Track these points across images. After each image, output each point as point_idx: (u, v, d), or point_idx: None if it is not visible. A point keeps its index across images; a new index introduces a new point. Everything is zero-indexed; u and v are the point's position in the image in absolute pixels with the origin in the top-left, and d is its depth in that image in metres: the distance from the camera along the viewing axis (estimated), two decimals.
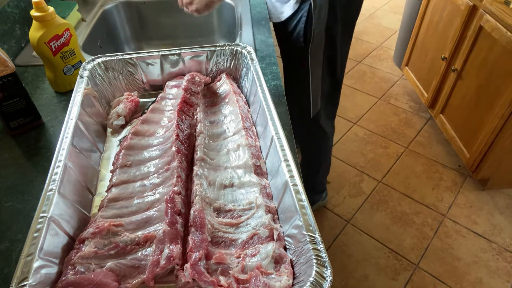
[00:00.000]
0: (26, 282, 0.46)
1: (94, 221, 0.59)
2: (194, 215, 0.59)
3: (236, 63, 0.90)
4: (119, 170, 0.69)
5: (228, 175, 0.69)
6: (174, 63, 0.90)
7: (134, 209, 0.63)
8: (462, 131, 1.81)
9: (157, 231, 0.57)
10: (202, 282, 0.51)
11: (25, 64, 1.05)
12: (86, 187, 0.67)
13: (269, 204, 0.63)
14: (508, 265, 1.51)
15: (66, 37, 0.90)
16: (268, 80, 0.97)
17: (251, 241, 0.58)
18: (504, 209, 1.72)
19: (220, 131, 0.80)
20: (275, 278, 0.51)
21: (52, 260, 0.52)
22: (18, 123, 0.82)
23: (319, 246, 0.50)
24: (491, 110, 1.55)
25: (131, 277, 0.54)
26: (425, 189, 1.81)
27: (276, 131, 0.67)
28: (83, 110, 0.73)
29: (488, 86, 1.57)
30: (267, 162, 0.70)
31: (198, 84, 0.87)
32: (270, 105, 0.72)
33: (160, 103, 0.85)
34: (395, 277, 1.48)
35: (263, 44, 1.12)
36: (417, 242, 1.60)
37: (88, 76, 0.81)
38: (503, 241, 1.60)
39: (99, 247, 0.55)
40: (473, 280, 1.47)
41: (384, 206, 1.74)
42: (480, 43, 1.61)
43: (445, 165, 1.93)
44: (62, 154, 0.62)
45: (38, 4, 0.82)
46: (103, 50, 1.28)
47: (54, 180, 0.57)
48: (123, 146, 0.73)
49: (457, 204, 1.75)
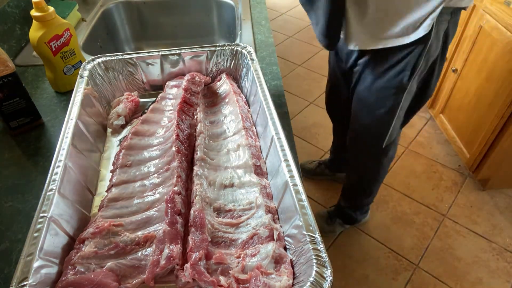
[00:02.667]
0: (26, 282, 0.46)
1: (94, 221, 0.59)
2: (194, 215, 0.59)
3: (236, 63, 0.90)
4: (119, 170, 0.69)
5: (228, 175, 0.69)
6: (174, 63, 0.90)
7: (134, 209, 0.63)
8: (462, 131, 1.80)
9: (157, 231, 0.57)
10: (202, 282, 0.51)
11: (25, 64, 1.05)
12: (86, 187, 0.67)
13: (269, 204, 0.63)
14: (508, 265, 1.51)
15: (66, 37, 0.90)
16: (268, 80, 0.97)
17: (251, 241, 0.58)
18: (504, 209, 1.72)
19: (220, 131, 0.80)
20: (275, 278, 0.51)
21: (52, 260, 0.52)
22: (18, 123, 0.82)
23: (319, 246, 0.50)
24: (491, 110, 1.55)
25: (131, 277, 0.54)
26: (425, 189, 1.81)
27: (276, 131, 0.67)
28: (83, 110, 0.73)
29: (488, 86, 1.57)
30: (267, 162, 0.70)
31: (198, 84, 0.87)
32: (270, 105, 0.72)
33: (160, 103, 0.85)
34: (395, 277, 1.48)
35: (263, 44, 1.12)
36: (417, 242, 1.59)
37: (88, 76, 0.81)
38: (503, 241, 1.60)
39: (99, 247, 0.55)
40: (473, 280, 1.47)
41: (384, 206, 1.74)
42: (480, 43, 1.61)
43: (445, 165, 1.93)
44: (62, 154, 0.62)
45: (38, 4, 0.82)
46: (103, 50, 1.28)
47: (54, 180, 0.57)
48: (123, 146, 0.73)
49: (457, 204, 1.75)
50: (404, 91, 0.98)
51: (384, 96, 1.01)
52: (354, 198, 1.48)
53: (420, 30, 0.86)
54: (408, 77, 0.94)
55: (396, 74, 0.95)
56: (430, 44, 0.89)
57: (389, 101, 1.01)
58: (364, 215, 1.60)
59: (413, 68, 0.93)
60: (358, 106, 1.11)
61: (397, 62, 0.94)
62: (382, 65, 0.97)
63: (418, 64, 0.92)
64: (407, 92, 0.98)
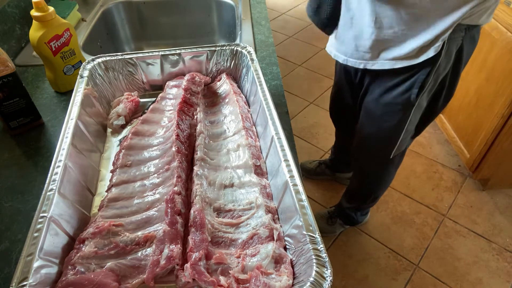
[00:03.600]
0: (26, 282, 0.46)
1: (94, 221, 0.59)
2: (194, 215, 0.59)
3: (236, 63, 0.90)
4: (119, 170, 0.69)
5: (228, 175, 0.69)
6: (174, 63, 0.90)
7: (134, 209, 0.63)
8: (462, 131, 1.81)
9: (157, 231, 0.57)
10: (202, 282, 0.51)
11: (25, 64, 1.05)
12: (86, 187, 0.67)
13: (269, 204, 0.63)
14: (508, 265, 1.51)
15: (66, 37, 0.90)
16: (268, 80, 0.97)
17: (251, 241, 0.58)
18: (504, 209, 1.72)
19: (220, 131, 0.80)
20: (275, 278, 0.51)
21: (52, 260, 0.52)
22: (18, 123, 0.82)
23: (319, 246, 0.50)
24: (491, 110, 1.55)
25: (131, 277, 0.54)
26: (425, 189, 1.81)
27: (276, 131, 0.67)
28: (83, 110, 0.73)
29: (488, 86, 1.57)
30: (267, 162, 0.70)
31: (198, 84, 0.87)
32: (270, 105, 0.72)
33: (160, 103, 0.85)
34: (395, 277, 1.48)
35: (263, 44, 1.12)
36: (417, 242, 1.59)
37: (88, 76, 0.81)
38: (503, 241, 1.60)
39: (99, 247, 0.55)
40: (473, 280, 1.47)
41: (384, 206, 1.74)
42: (480, 43, 1.60)
43: (445, 165, 1.93)
44: (62, 154, 0.62)
45: (38, 4, 0.82)
46: (103, 50, 1.28)
47: (54, 180, 0.57)
48: (123, 146, 0.73)
49: (457, 204, 1.75)
50: (412, 107, 0.95)
51: (391, 110, 0.99)
52: (357, 202, 1.47)
53: (430, 52, 0.83)
54: (416, 95, 0.92)
55: (403, 91, 0.93)
56: (440, 63, 0.86)
57: (396, 116, 0.99)
58: (364, 216, 1.60)
59: (421, 85, 0.90)
60: (365, 117, 1.10)
61: (405, 80, 0.92)
62: (389, 81, 0.95)
63: (427, 82, 0.89)
64: (415, 109, 0.96)
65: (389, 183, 1.36)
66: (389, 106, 0.98)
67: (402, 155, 1.20)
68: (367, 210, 1.57)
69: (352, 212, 1.52)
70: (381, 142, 1.10)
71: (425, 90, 0.91)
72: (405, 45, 0.84)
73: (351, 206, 1.49)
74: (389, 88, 0.96)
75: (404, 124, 1.00)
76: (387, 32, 0.85)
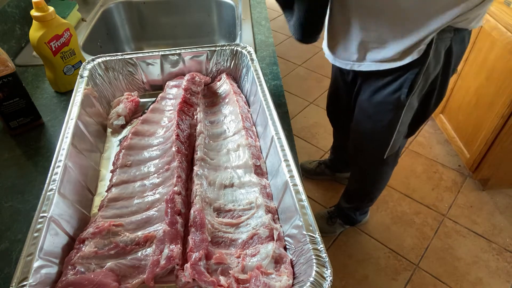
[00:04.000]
0: (26, 282, 0.46)
1: (94, 221, 0.59)
2: (194, 215, 0.59)
3: (236, 63, 0.90)
4: (119, 170, 0.69)
5: (228, 175, 0.69)
6: (174, 63, 0.90)
7: (134, 209, 0.63)
8: (462, 131, 1.80)
9: (157, 231, 0.57)
10: (202, 282, 0.51)
11: (25, 64, 1.05)
12: (86, 187, 0.67)
13: (269, 204, 0.63)
14: (508, 265, 1.51)
15: (66, 37, 0.90)
16: (268, 80, 0.97)
17: (251, 241, 0.58)
18: (504, 209, 1.72)
19: (220, 131, 0.80)
20: (275, 278, 0.51)
21: (52, 260, 0.52)
22: (18, 123, 0.82)
23: (319, 246, 0.50)
24: (491, 110, 1.55)
25: (131, 277, 0.54)
26: (425, 189, 1.81)
27: (276, 131, 0.67)
28: (83, 110, 0.73)
29: (488, 86, 1.57)
30: (267, 162, 0.70)
31: (198, 84, 0.87)
32: (270, 105, 0.72)
33: (160, 103, 0.85)
34: (395, 277, 1.48)
35: (263, 44, 1.12)
36: (417, 242, 1.59)
37: (88, 76, 0.81)
38: (503, 241, 1.60)
39: (99, 247, 0.55)
40: (473, 280, 1.47)
41: (384, 206, 1.74)
42: (480, 43, 1.61)
43: (445, 165, 1.93)
44: (62, 154, 0.62)
45: (38, 4, 0.82)
46: (103, 50, 1.28)
47: (54, 180, 0.58)
48: (123, 146, 0.73)
49: (457, 204, 1.75)
50: (403, 107, 0.96)
51: (382, 110, 1.00)
52: (356, 202, 1.48)
53: (414, 54, 0.84)
54: (406, 95, 0.92)
55: (393, 91, 0.94)
56: (428, 64, 0.87)
57: (388, 116, 1.00)
58: (364, 215, 1.60)
59: (411, 85, 0.91)
60: (359, 116, 1.11)
61: (394, 80, 0.92)
62: (379, 81, 0.96)
63: (416, 82, 0.90)
64: (406, 109, 0.97)
65: (385, 183, 1.36)
66: (380, 106, 0.99)
67: (396, 155, 1.21)
68: (366, 209, 1.58)
69: (351, 212, 1.52)
70: (374, 141, 1.11)
71: (415, 90, 0.92)
72: (389, 47, 0.85)
73: (350, 206, 1.50)
74: (380, 87, 0.97)
75: (396, 124, 1.01)
76: (371, 35, 0.85)
